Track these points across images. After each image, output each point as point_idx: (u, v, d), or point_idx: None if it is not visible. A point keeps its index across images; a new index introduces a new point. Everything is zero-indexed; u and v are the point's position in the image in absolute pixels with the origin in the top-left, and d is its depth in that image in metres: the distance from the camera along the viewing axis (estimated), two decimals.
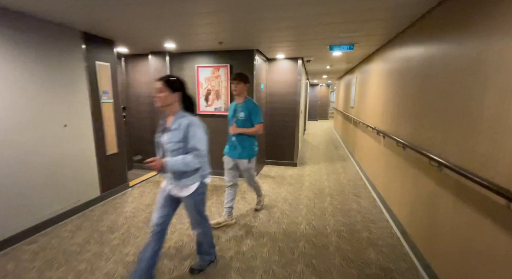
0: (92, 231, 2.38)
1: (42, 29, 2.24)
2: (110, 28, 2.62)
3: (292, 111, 4.57)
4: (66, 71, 2.50)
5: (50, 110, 2.35)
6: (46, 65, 2.30)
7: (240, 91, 2.36)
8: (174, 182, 1.55)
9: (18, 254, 2.03)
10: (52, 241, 2.22)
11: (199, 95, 3.88)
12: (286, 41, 3.17)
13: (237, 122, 2.39)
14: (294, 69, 4.42)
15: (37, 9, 2.07)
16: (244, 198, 3.25)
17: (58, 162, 2.46)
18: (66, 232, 2.35)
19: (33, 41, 2.18)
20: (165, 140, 1.52)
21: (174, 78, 1.54)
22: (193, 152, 1.49)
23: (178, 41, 3.17)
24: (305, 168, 4.67)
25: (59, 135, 2.45)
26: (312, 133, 9.09)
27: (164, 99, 1.48)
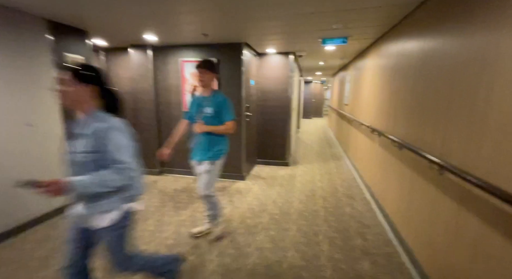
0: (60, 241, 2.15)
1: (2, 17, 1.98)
2: (82, 17, 2.37)
3: (284, 108, 4.37)
4: (30, 65, 2.24)
5: (9, 108, 2.10)
6: (3, 58, 2.04)
7: (206, 82, 1.99)
8: (86, 208, 1.14)
9: None
10: (11, 254, 1.99)
11: (184, 91, 3.65)
12: (276, 33, 2.96)
13: (203, 120, 1.99)
14: (286, 64, 4.22)
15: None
16: (231, 202, 3.06)
17: (22, 165, 2.22)
18: (29, 244, 2.12)
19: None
20: (73, 150, 1.12)
21: (87, 66, 1.17)
22: (113, 166, 1.08)
23: (159, 33, 2.92)
24: (297, 168, 4.49)
25: (21, 136, 2.20)
26: (306, 131, 8.93)
27: (70, 94, 1.09)
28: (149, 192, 3.29)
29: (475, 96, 1.27)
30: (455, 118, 1.44)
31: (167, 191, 3.34)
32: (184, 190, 3.40)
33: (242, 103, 3.56)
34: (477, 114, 1.25)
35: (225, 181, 3.77)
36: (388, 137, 2.41)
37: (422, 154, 1.70)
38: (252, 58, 3.99)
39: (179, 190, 3.38)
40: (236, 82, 3.51)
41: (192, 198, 3.13)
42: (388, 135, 2.43)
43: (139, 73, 3.64)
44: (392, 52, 2.65)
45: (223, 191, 3.37)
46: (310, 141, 7.22)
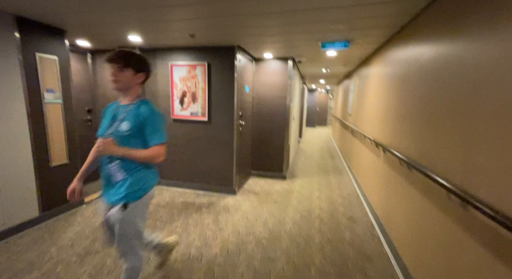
0: (6, 270, 1.85)
1: None
2: (59, 14, 2.15)
3: (281, 117, 4.07)
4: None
5: None
6: None
7: (124, 83, 1.28)
8: None
9: None
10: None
11: (173, 97, 3.39)
12: (271, 35, 2.69)
13: (116, 138, 1.26)
14: (284, 71, 3.94)
15: None
16: (216, 222, 2.72)
17: None
18: None
19: None
20: None
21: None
22: None
23: (144, 33, 2.69)
24: (295, 182, 4.14)
25: None
26: (308, 141, 8.58)
27: None
28: None
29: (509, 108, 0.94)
30: (483, 138, 1.11)
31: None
32: (166, 205, 3.09)
33: (235, 111, 3.27)
34: None
35: (213, 195, 3.44)
36: (394, 154, 2.06)
37: (436, 179, 1.36)
38: (248, 64, 3.73)
39: (161, 205, 3.07)
40: (229, 89, 3.23)
41: (172, 216, 2.81)
42: (394, 151, 2.08)
43: None
44: (399, 58, 2.33)
45: (208, 208, 3.04)
46: (312, 151, 6.86)
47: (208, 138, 3.41)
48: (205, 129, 3.40)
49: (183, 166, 3.56)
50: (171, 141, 3.53)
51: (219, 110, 3.31)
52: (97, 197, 3.21)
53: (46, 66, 2.43)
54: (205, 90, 3.27)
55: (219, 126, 3.35)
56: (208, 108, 3.31)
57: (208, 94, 3.28)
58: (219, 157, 3.42)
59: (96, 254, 2.06)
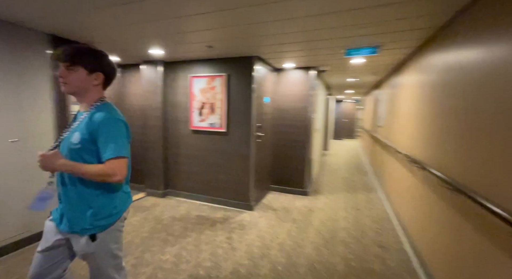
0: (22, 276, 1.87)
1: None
2: (85, 32, 2.29)
3: (303, 129, 3.85)
4: (24, 80, 2.16)
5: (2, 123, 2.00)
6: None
7: (76, 86, 1.07)
8: None
9: None
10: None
11: (192, 108, 3.40)
12: (291, 43, 2.56)
13: (67, 153, 1.07)
14: (306, 81, 3.77)
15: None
16: (229, 240, 2.55)
17: (2, 182, 2.06)
18: None
19: None
20: None
21: None
22: None
23: (164, 46, 2.75)
24: (318, 199, 3.83)
25: (3, 151, 2.07)
26: (334, 155, 8.11)
27: None
28: (144, 218, 2.97)
29: None
30: None
31: (162, 218, 2.98)
32: (181, 218, 3.01)
33: (253, 123, 3.16)
34: None
35: (229, 210, 3.29)
36: (434, 174, 1.74)
37: (493, 209, 1.06)
38: (268, 74, 3.63)
39: (176, 218, 3.00)
40: (247, 100, 3.15)
41: (186, 230, 2.71)
42: (433, 170, 1.76)
43: (149, 89, 3.52)
44: (437, 64, 2.03)
45: (223, 223, 2.89)
46: (338, 165, 6.43)
47: (226, 150, 3.33)
48: (223, 140, 3.32)
49: (201, 177, 3.50)
50: (190, 152, 3.51)
51: (237, 121, 3.22)
52: None
53: None
54: (223, 102, 3.22)
55: (237, 138, 3.26)
56: (227, 119, 3.25)
57: (227, 105, 3.23)
58: (236, 169, 3.30)
59: None
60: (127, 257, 2.17)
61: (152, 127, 3.57)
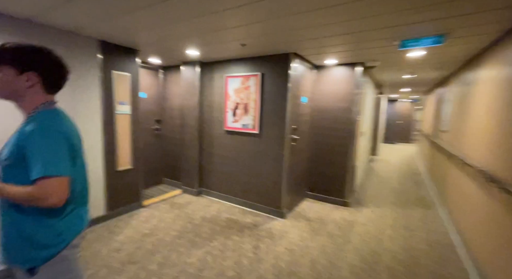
0: None
1: (53, 37, 2.19)
2: (129, 35, 2.43)
3: (346, 132, 3.46)
4: (77, 81, 2.40)
5: None
6: None
7: (4, 89, 0.92)
8: None
9: None
10: None
11: (226, 109, 3.36)
12: (334, 36, 2.26)
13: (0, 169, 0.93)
14: (351, 78, 3.36)
15: (47, 18, 2.00)
16: (255, 249, 2.40)
17: None
18: None
19: None
20: None
21: None
22: None
23: (199, 45, 2.75)
24: (360, 212, 3.39)
25: None
26: (384, 161, 7.23)
27: None
28: (177, 216, 3.05)
29: None
30: None
31: (193, 218, 3.01)
32: (211, 219, 2.99)
33: (287, 124, 2.94)
34: None
35: (259, 215, 3.15)
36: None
37: None
38: (307, 72, 3.36)
39: (206, 219, 2.99)
40: (281, 100, 2.95)
41: (213, 233, 2.66)
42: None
43: (187, 89, 3.62)
44: None
45: (252, 230, 2.76)
46: (388, 174, 5.68)
47: (258, 152, 3.19)
48: (256, 142, 3.19)
49: (233, 179, 3.45)
50: (223, 153, 3.49)
51: (271, 123, 3.05)
52: (155, 201, 3.44)
53: (120, 82, 2.77)
54: (257, 102, 3.09)
55: (269, 140, 3.09)
56: (260, 120, 3.11)
57: (260, 105, 3.09)
58: (268, 173, 3.13)
59: (134, 265, 2.08)
60: (155, 255, 2.22)
61: (189, 127, 3.67)
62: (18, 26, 1.99)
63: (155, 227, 2.72)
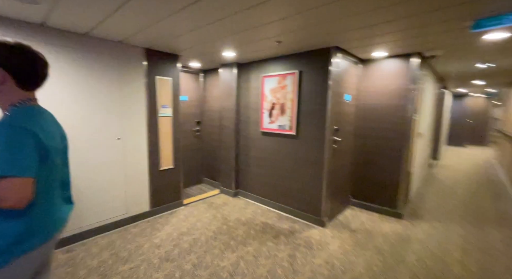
0: (112, 255, 2.24)
1: (105, 48, 2.43)
2: (171, 41, 2.55)
3: (399, 133, 3.02)
4: (125, 87, 2.63)
5: (104, 124, 2.50)
6: (107, 82, 2.47)
7: None
8: None
9: None
10: (77, 257, 2.26)
11: (262, 109, 3.28)
12: (386, 22, 1.96)
13: None
14: (405, 72, 2.91)
15: (101, 32, 2.24)
16: (291, 259, 2.24)
17: (109, 174, 2.57)
18: (94, 248, 2.33)
19: (96, 60, 2.38)
20: None
21: None
22: None
23: (236, 47, 2.73)
24: (417, 226, 2.90)
25: (111, 148, 2.57)
26: (449, 166, 6.17)
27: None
28: (214, 216, 3.09)
29: None
30: None
31: (229, 219, 3.00)
32: (246, 222, 2.94)
33: (327, 125, 2.70)
34: None
35: (297, 221, 2.96)
36: None
37: None
38: (350, 67, 3.04)
39: (241, 221, 2.95)
40: (321, 99, 2.72)
41: (248, 237, 2.60)
42: None
43: (225, 91, 3.67)
44: None
45: (288, 237, 2.60)
46: (454, 182, 4.80)
47: (295, 154, 3.01)
48: (293, 144, 3.02)
49: (269, 182, 3.34)
50: (259, 154, 3.42)
51: (309, 123, 2.85)
52: (194, 200, 3.57)
53: (162, 86, 2.94)
54: (294, 101, 2.92)
55: (307, 142, 2.88)
56: (297, 121, 2.93)
57: (298, 105, 2.91)
58: (307, 177, 2.93)
59: (171, 262, 2.15)
60: (190, 255, 2.26)
61: (226, 128, 3.70)
62: (77, 41, 2.26)
63: (193, 226, 2.79)
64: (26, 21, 1.98)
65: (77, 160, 2.33)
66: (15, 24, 1.94)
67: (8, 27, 1.91)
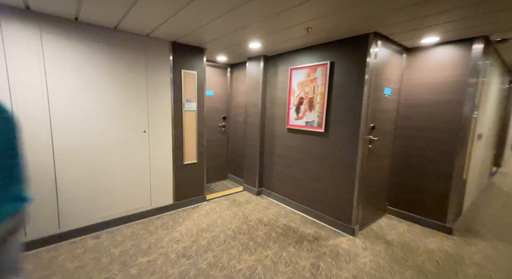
0: (134, 245, 2.29)
1: (133, 42, 2.48)
2: (197, 34, 2.51)
3: (452, 134, 2.55)
4: (152, 81, 2.66)
5: (131, 117, 2.56)
6: (134, 76, 2.52)
7: None
8: None
9: (72, 248, 2.24)
10: (102, 244, 2.35)
11: (289, 105, 3.07)
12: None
13: None
14: (462, 60, 2.43)
15: (129, 25, 2.28)
16: (316, 269, 2.03)
17: (135, 165, 2.65)
18: (118, 237, 2.41)
19: (124, 53, 2.44)
20: None
21: None
22: None
23: (262, 37, 2.57)
24: (471, 244, 2.43)
25: (137, 140, 2.63)
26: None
27: None
28: (235, 214, 3.00)
29: None
30: None
31: (250, 219, 2.88)
32: (267, 223, 2.79)
33: (362, 122, 2.39)
34: None
35: (323, 227, 2.71)
36: None
37: None
38: (392, 57, 2.65)
39: (263, 222, 2.81)
40: (355, 93, 2.42)
41: (268, 239, 2.45)
42: None
43: (251, 86, 3.54)
44: None
45: (312, 243, 2.38)
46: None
47: (324, 154, 2.75)
48: (321, 143, 2.76)
49: (295, 182, 3.13)
50: (284, 153, 3.22)
51: (340, 120, 2.56)
52: (217, 196, 3.53)
53: (188, 80, 2.93)
54: (324, 96, 2.65)
55: (338, 140, 2.60)
56: (326, 117, 2.66)
57: (327, 100, 2.64)
58: (336, 179, 2.65)
59: (188, 259, 2.11)
60: (207, 252, 2.19)
61: (251, 124, 3.58)
62: (105, 34, 2.32)
63: (213, 223, 2.74)
64: (60, 16, 2.09)
65: (105, 151, 2.43)
66: (52, 19, 2.06)
67: (45, 23, 2.03)
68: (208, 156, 4.04)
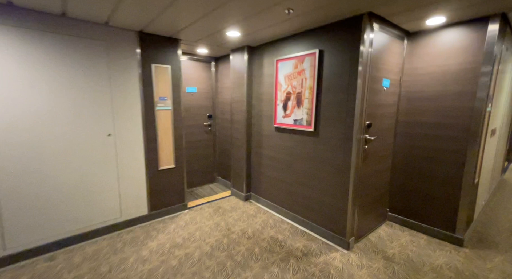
0: (92, 269, 1.98)
1: (88, 32, 2.14)
2: (164, 20, 2.17)
3: (462, 130, 2.20)
4: (116, 77, 2.33)
5: (92, 118, 2.24)
6: (93, 72, 2.20)
7: None
8: None
9: (17, 275, 1.98)
10: (55, 268, 2.06)
11: (276, 101, 2.72)
12: None
13: None
14: (473, 45, 2.07)
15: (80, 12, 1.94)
16: None
17: (98, 172, 2.34)
18: (77, 257, 2.11)
19: (79, 45, 2.11)
20: None
21: None
22: None
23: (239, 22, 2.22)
24: (486, 257, 2.09)
25: (101, 144, 2.32)
26: None
27: None
28: (217, 225, 2.69)
29: None
30: None
31: (232, 230, 2.57)
32: (252, 235, 2.47)
33: (356, 120, 2.05)
34: None
35: (315, 239, 2.39)
36: None
37: None
38: (391, 43, 2.29)
39: (247, 234, 2.49)
40: (348, 86, 2.07)
41: (251, 255, 2.13)
42: None
43: (235, 80, 3.19)
44: None
45: (300, 260, 2.06)
46: None
47: (314, 156, 2.41)
48: (311, 143, 2.43)
49: (284, 187, 2.80)
50: (272, 154, 2.89)
51: (331, 117, 2.21)
52: (201, 203, 3.22)
53: (160, 76, 2.59)
54: (313, 90, 2.31)
55: (329, 140, 2.26)
56: (316, 114, 2.32)
57: (317, 95, 2.29)
58: (328, 184, 2.32)
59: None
60: (176, 276, 1.88)
61: (237, 123, 3.24)
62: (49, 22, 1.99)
63: (190, 237, 2.43)
64: None
65: (60, 157, 2.12)
66: None
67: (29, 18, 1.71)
68: (193, 158, 3.72)
